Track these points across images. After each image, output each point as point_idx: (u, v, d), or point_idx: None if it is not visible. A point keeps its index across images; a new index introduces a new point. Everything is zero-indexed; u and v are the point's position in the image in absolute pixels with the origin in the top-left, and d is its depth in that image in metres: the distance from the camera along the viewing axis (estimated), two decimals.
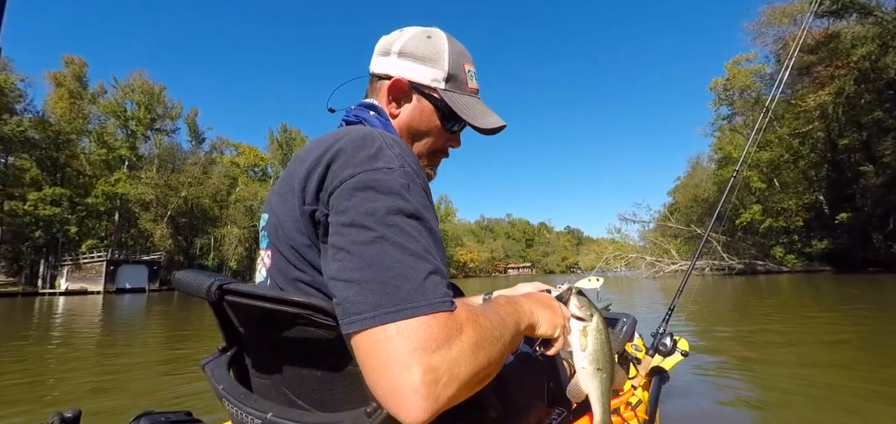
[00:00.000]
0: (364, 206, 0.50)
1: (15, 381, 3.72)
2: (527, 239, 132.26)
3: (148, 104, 45.88)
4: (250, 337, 0.71)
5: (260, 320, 0.65)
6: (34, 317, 11.35)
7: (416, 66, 0.76)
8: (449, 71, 0.76)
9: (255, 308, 0.59)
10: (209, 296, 0.61)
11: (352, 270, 0.47)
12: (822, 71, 22.44)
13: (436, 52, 0.76)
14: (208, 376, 0.71)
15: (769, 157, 28.10)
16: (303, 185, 0.58)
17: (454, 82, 0.77)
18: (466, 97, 0.79)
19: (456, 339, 0.45)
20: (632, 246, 33.88)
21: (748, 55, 32.91)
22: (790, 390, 2.81)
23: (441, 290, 0.47)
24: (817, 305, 7.94)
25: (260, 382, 0.70)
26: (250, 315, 0.66)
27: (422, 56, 0.76)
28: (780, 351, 4.06)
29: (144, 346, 5.78)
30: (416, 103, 0.77)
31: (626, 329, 1.31)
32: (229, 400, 0.63)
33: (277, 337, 0.62)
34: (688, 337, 5.10)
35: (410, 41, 0.78)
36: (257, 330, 0.68)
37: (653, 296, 11.95)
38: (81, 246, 36.70)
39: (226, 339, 0.75)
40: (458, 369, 0.44)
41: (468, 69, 0.80)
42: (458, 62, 0.78)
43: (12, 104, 32.69)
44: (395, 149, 0.58)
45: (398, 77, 0.76)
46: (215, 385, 0.68)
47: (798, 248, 26.73)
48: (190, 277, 0.66)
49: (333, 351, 0.56)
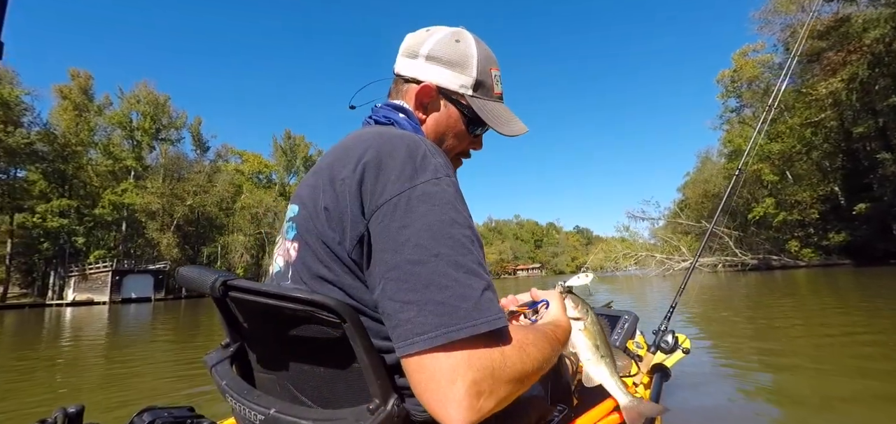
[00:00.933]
0: (419, 222, 0.51)
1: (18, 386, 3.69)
2: (535, 239, 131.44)
3: (153, 114, 46.44)
4: (254, 333, 0.71)
5: (264, 316, 0.65)
6: (43, 327, 11.26)
7: (445, 71, 0.75)
8: (477, 77, 0.76)
9: (259, 304, 0.60)
10: (213, 292, 0.61)
11: (409, 291, 0.48)
12: (833, 57, 21.69)
13: (465, 57, 0.76)
14: (211, 372, 0.72)
15: (781, 149, 27.32)
16: (346, 185, 0.57)
17: (482, 89, 0.77)
18: (493, 103, 0.79)
19: (505, 354, 0.49)
20: (641, 244, 33.35)
21: (755, 45, 32.15)
22: (797, 388, 2.75)
23: (495, 307, 0.50)
24: (833, 300, 7.53)
25: (263, 378, 0.70)
26: (254, 311, 0.66)
27: (450, 60, 0.75)
28: (790, 348, 3.91)
29: (151, 350, 5.53)
30: (444, 109, 0.76)
31: (627, 326, 1.31)
32: (232, 396, 0.65)
33: (282, 333, 0.63)
34: (693, 334, 4.83)
35: (438, 44, 0.76)
36: (262, 327, 0.68)
37: (662, 293, 11.42)
38: (90, 256, 37.08)
39: (229, 336, 0.76)
40: (501, 378, 0.48)
41: (495, 74, 0.80)
42: (485, 68, 0.77)
43: (18, 117, 33.15)
44: (439, 158, 0.59)
45: (427, 82, 0.75)
46: (218, 381, 0.69)
47: (814, 241, 25.92)
48: (194, 273, 0.66)
49: (337, 348, 0.57)
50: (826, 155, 26.71)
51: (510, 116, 0.81)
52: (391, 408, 0.54)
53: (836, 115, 24.41)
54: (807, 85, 24.13)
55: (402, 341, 0.48)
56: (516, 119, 0.81)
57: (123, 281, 34.45)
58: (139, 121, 45.82)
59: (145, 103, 46.07)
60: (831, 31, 21.79)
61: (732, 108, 35.64)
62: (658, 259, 28.74)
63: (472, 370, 0.45)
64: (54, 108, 39.88)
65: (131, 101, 45.82)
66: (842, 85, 21.29)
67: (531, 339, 0.55)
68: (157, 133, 46.71)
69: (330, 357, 0.60)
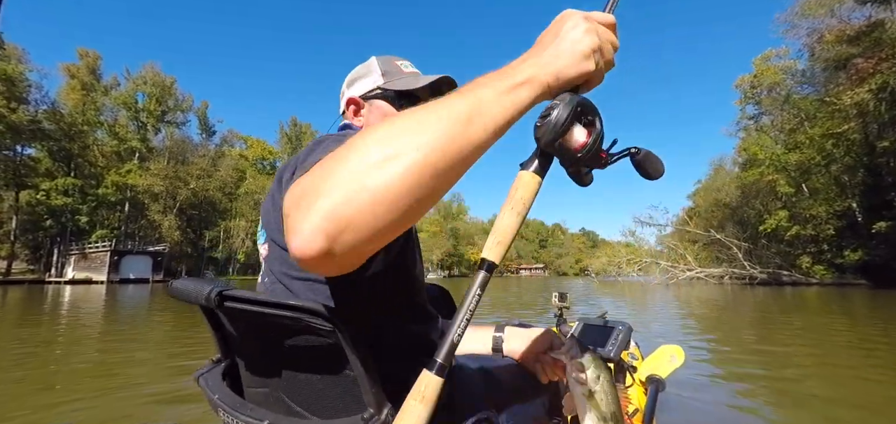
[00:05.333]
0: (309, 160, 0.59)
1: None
2: (540, 239, 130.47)
3: (159, 96, 46.48)
4: (247, 343, 0.71)
5: (257, 326, 0.66)
6: (40, 306, 10.98)
7: (359, 83, 0.92)
8: (382, 69, 0.90)
9: (251, 313, 0.60)
10: (209, 303, 0.60)
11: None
12: (863, 65, 20.41)
13: (368, 66, 0.92)
14: (202, 387, 0.72)
15: (798, 160, 26.11)
16: (284, 182, 0.65)
17: (389, 74, 0.90)
18: (405, 78, 0.89)
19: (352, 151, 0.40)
20: (646, 250, 32.56)
21: (778, 50, 30.79)
22: (798, 410, 2.77)
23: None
24: (846, 321, 7.03)
25: (256, 391, 0.70)
26: (247, 321, 0.66)
27: (359, 74, 0.93)
28: (790, 366, 3.94)
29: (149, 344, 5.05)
30: (370, 107, 0.90)
31: (621, 337, 1.26)
32: (225, 410, 0.65)
33: (274, 342, 0.63)
34: (691, 346, 4.66)
35: (351, 74, 0.95)
36: (254, 337, 0.68)
37: (665, 302, 10.67)
38: (92, 236, 37.29)
39: (220, 350, 0.77)
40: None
41: (400, 63, 0.92)
42: (388, 61, 0.91)
43: (23, 94, 33.20)
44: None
45: (350, 96, 0.91)
46: (210, 396, 0.69)
47: (827, 259, 24.80)
48: (189, 285, 0.66)
49: (331, 356, 0.58)
50: (846, 169, 25.46)
51: (426, 78, 0.88)
52: (386, 417, 0.54)
53: (859, 127, 23.17)
54: (831, 94, 22.90)
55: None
56: (432, 77, 0.88)
57: (122, 262, 34.51)
58: (145, 102, 45.88)
59: (151, 85, 46.13)
60: (862, 37, 20.53)
61: (750, 115, 34.33)
62: (662, 266, 27.95)
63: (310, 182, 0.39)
64: (62, 87, 40.02)
65: (137, 82, 45.92)
66: (869, 95, 20.07)
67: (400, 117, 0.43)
68: (162, 115, 46.75)
69: (324, 366, 0.60)
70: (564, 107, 0.46)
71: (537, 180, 0.48)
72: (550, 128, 0.46)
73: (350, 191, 0.37)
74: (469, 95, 0.44)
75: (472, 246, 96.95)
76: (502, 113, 0.44)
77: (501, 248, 0.46)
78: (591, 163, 0.51)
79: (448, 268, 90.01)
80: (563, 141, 0.47)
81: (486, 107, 0.43)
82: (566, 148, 0.48)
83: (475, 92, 0.44)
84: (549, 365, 0.90)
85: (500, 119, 0.44)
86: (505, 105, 0.44)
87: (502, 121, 0.44)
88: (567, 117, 0.46)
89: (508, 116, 0.45)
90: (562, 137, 0.47)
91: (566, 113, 0.46)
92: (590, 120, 0.49)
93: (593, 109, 0.49)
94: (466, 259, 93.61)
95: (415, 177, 0.38)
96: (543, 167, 0.49)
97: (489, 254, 0.46)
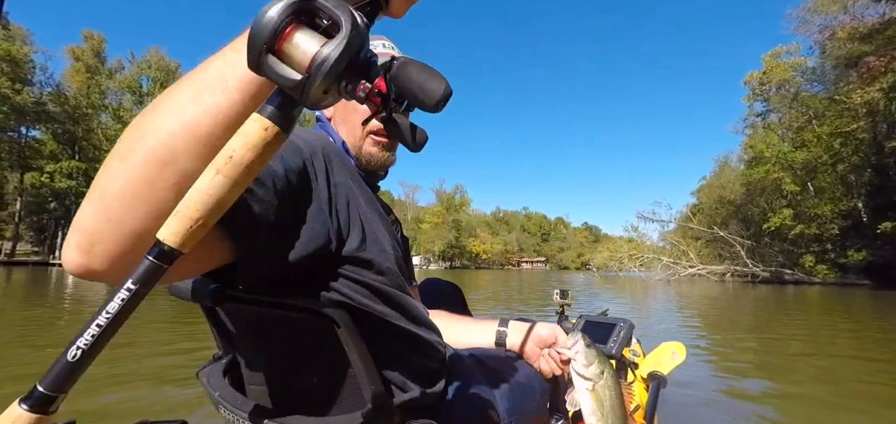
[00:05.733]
0: None
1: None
2: (542, 233, 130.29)
3: (164, 81, 46.36)
4: (247, 341, 0.71)
5: (256, 324, 0.65)
6: (38, 286, 11.13)
7: None
8: None
9: (251, 311, 0.60)
10: (208, 301, 0.60)
11: None
12: (875, 63, 20.09)
13: None
14: (204, 383, 0.72)
15: (805, 158, 25.86)
16: None
17: None
18: None
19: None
20: (649, 246, 32.47)
21: (789, 47, 30.33)
22: (799, 405, 2.81)
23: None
24: (848, 321, 7.00)
25: (256, 388, 0.70)
26: (247, 319, 0.66)
27: None
28: (790, 364, 3.94)
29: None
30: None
31: (623, 334, 1.31)
32: (226, 407, 0.65)
33: (273, 339, 0.63)
34: (693, 343, 4.64)
35: None
36: (254, 335, 0.68)
37: (667, 298, 10.67)
38: None
39: (221, 346, 0.77)
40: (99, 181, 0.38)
41: (373, 43, 0.82)
42: None
43: (26, 75, 33.20)
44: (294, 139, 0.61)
45: None
46: (211, 393, 0.69)
47: (831, 258, 24.69)
48: (187, 282, 0.67)
49: (330, 353, 0.58)
50: (853, 168, 25.22)
51: (383, 58, 0.81)
52: (386, 413, 0.55)
53: (869, 126, 22.89)
54: (841, 92, 22.59)
55: None
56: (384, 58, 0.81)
57: None
58: (149, 86, 45.85)
59: (156, 69, 46.02)
60: (875, 34, 20.18)
61: (758, 112, 33.97)
62: (664, 262, 27.91)
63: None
64: (66, 70, 39.98)
65: (142, 66, 45.83)
66: (880, 93, 19.79)
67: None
68: None
69: (323, 363, 0.60)
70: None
71: (263, 126, 0.31)
72: (251, 31, 0.31)
73: (92, 202, 0.36)
74: (204, 68, 0.38)
75: (474, 237, 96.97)
76: (221, 67, 0.36)
77: (183, 222, 0.30)
78: (344, 89, 0.33)
79: (449, 260, 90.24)
80: (278, 54, 0.31)
81: (209, 74, 0.37)
82: (282, 67, 0.31)
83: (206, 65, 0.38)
84: (552, 360, 0.90)
85: (220, 75, 0.36)
86: (225, 58, 0.37)
87: (222, 77, 0.36)
88: (276, 11, 0.31)
89: (226, 66, 0.36)
90: (267, 51, 0.31)
91: (279, 6, 0.31)
92: (335, 28, 0.31)
93: (339, 8, 0.31)
94: (468, 250, 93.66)
95: (142, 173, 0.35)
96: (282, 108, 0.32)
97: (164, 232, 0.31)
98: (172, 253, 0.31)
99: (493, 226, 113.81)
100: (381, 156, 0.82)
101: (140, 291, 0.31)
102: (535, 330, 0.93)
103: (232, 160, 0.30)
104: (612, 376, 0.67)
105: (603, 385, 0.66)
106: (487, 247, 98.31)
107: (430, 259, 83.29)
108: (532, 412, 0.87)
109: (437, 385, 0.73)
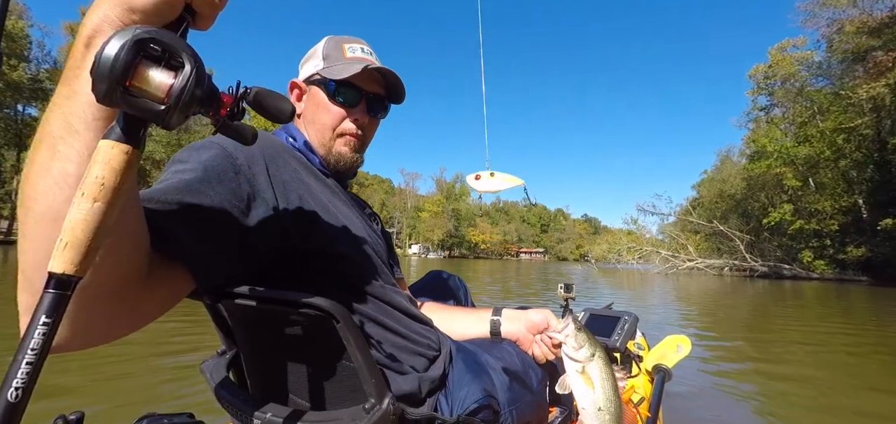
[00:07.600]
0: None
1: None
2: (542, 224, 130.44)
3: None
4: (249, 337, 0.72)
5: (258, 320, 0.66)
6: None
7: (305, 65, 0.90)
8: (324, 53, 0.86)
9: (252, 308, 0.61)
10: (207, 298, 0.61)
11: None
12: (883, 58, 19.80)
13: (315, 49, 0.89)
14: (207, 378, 0.74)
15: (807, 153, 25.66)
16: None
17: (329, 59, 0.86)
18: (342, 65, 0.84)
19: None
20: (648, 239, 32.47)
21: (796, 40, 29.91)
22: (796, 394, 2.87)
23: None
24: (844, 317, 7.15)
25: (259, 382, 0.72)
26: (249, 315, 0.67)
27: (307, 57, 0.90)
28: (791, 357, 4.00)
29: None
30: (309, 93, 0.87)
31: (627, 327, 1.30)
32: (229, 401, 0.67)
33: (275, 336, 0.65)
34: (695, 335, 4.63)
35: (306, 55, 0.92)
36: (256, 331, 0.69)
37: (654, 297, 10.64)
38: None
39: (224, 342, 0.79)
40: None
41: (348, 47, 0.87)
42: (336, 45, 0.87)
43: (23, 52, 32.78)
44: (208, 150, 0.63)
45: (294, 79, 0.90)
46: (214, 386, 0.71)
47: (830, 254, 24.67)
48: None
49: (331, 348, 0.59)
50: (855, 164, 25.07)
51: (357, 65, 0.81)
52: (386, 407, 0.55)
53: (873, 122, 22.68)
54: (846, 87, 22.32)
55: None
56: (359, 65, 0.82)
57: None
58: None
59: None
60: (884, 29, 19.84)
61: (762, 106, 33.64)
62: (663, 255, 27.90)
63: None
64: (64, 46, 39.45)
65: None
66: (887, 89, 19.55)
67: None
68: None
69: (323, 359, 0.62)
70: (118, 38, 0.33)
71: (124, 150, 0.34)
72: (97, 71, 0.32)
73: (20, 273, 0.43)
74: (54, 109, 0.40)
75: (473, 227, 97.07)
76: (65, 102, 0.39)
77: (74, 252, 0.32)
78: (199, 112, 0.37)
79: (448, 249, 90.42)
80: (134, 86, 0.33)
81: (53, 118, 0.39)
82: (141, 98, 0.34)
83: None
84: (544, 345, 0.91)
85: (62, 114, 0.39)
86: (69, 86, 0.39)
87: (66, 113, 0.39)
88: (121, 51, 0.32)
89: (74, 103, 0.39)
90: (124, 81, 0.33)
91: (119, 45, 0.32)
92: (177, 61, 0.35)
93: (177, 45, 0.35)
94: (467, 240, 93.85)
95: (41, 238, 0.40)
96: (130, 128, 0.35)
97: (55, 264, 0.32)
98: (70, 280, 0.32)
99: (493, 216, 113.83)
100: (350, 157, 0.85)
101: (55, 321, 0.32)
102: (527, 315, 0.95)
103: (104, 187, 0.33)
104: (604, 359, 0.65)
105: (593, 367, 0.64)
106: (487, 237, 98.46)
107: (430, 248, 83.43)
108: (531, 400, 0.87)
109: (432, 375, 0.75)
